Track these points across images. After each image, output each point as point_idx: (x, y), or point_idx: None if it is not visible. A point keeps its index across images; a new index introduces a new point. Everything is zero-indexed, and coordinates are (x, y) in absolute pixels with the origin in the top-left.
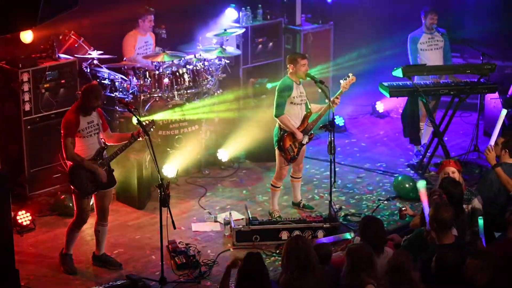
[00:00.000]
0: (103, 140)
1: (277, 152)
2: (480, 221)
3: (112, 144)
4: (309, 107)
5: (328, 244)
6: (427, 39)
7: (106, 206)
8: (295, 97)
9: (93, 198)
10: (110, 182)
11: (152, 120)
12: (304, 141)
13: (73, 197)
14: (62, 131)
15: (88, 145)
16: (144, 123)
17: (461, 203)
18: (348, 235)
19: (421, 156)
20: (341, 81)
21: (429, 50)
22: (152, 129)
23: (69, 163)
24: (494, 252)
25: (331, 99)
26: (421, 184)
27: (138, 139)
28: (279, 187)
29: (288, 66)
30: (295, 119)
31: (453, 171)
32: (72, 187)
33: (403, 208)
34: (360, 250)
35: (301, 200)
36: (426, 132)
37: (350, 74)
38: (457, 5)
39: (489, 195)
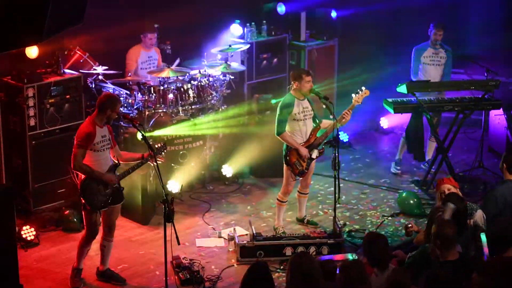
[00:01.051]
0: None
1: (285, 167)
2: (483, 237)
3: (121, 162)
4: (317, 121)
5: (334, 261)
6: (431, 54)
7: (113, 222)
8: (297, 114)
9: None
10: (118, 198)
11: (164, 144)
12: (314, 156)
13: (83, 213)
14: (76, 141)
15: (100, 160)
16: (156, 146)
17: (466, 219)
18: (350, 256)
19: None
20: (353, 95)
21: (431, 65)
22: (163, 153)
23: (80, 176)
24: (499, 269)
25: (342, 113)
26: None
27: (149, 162)
28: (285, 202)
29: (292, 82)
30: (299, 135)
31: (448, 188)
32: (83, 202)
33: (409, 225)
34: (352, 266)
35: (306, 216)
36: (429, 147)
37: (363, 88)
38: (462, 21)
39: (494, 212)
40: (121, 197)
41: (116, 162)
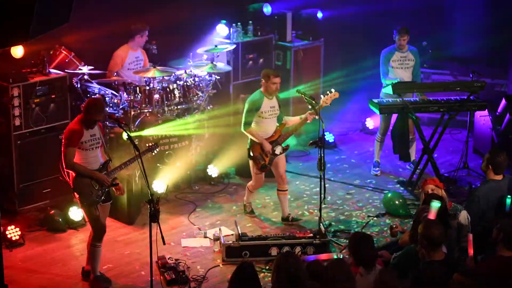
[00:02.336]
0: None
1: (250, 162)
2: (470, 237)
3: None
4: (282, 120)
5: (319, 261)
6: (399, 58)
7: (103, 221)
8: (263, 112)
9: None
10: (108, 197)
11: (156, 144)
12: (277, 152)
13: (83, 211)
14: (63, 141)
15: (90, 158)
16: (148, 145)
17: (446, 218)
18: (335, 255)
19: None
20: (321, 96)
21: (400, 68)
22: (155, 152)
23: (71, 174)
24: (482, 270)
25: (307, 113)
26: (436, 205)
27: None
28: (253, 192)
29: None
30: (265, 132)
31: (432, 189)
32: (79, 199)
33: (394, 226)
34: (337, 265)
35: (289, 214)
36: (412, 148)
37: (333, 90)
38: (447, 23)
39: (476, 212)
40: (111, 197)
41: (107, 159)
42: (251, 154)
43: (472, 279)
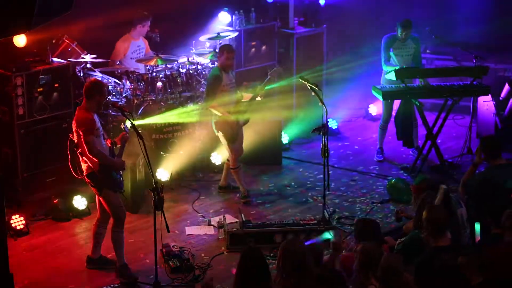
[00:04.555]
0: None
1: (220, 135)
2: (477, 226)
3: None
4: (239, 93)
5: (319, 244)
6: (400, 46)
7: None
8: (225, 85)
9: (101, 199)
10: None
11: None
12: (241, 123)
13: (102, 200)
14: (81, 131)
15: (101, 146)
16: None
17: (450, 205)
18: (327, 234)
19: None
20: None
21: (402, 56)
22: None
23: (87, 166)
24: (490, 253)
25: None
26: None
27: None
28: (238, 168)
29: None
30: (228, 104)
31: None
32: (104, 189)
33: (399, 211)
34: (373, 249)
35: (230, 183)
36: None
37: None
38: (450, 8)
39: (474, 197)
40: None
41: (109, 145)
42: (217, 127)
43: (474, 258)
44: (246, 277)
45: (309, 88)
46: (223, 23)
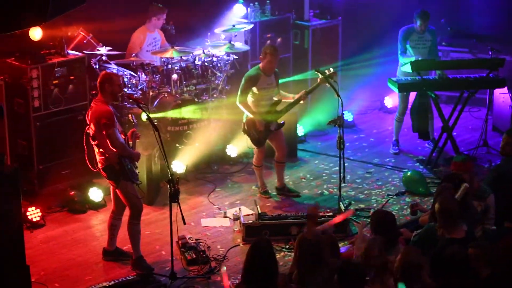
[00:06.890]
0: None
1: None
2: None
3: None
4: (279, 95)
5: (330, 231)
6: (417, 38)
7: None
8: (260, 88)
9: (117, 192)
10: None
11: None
12: (272, 128)
13: (119, 192)
14: (102, 124)
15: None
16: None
17: (466, 198)
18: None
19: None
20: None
21: (418, 48)
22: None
23: (103, 158)
24: (498, 246)
25: (300, 93)
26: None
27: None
28: (260, 166)
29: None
30: (259, 107)
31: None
32: (120, 179)
33: (414, 204)
34: (412, 251)
35: (285, 185)
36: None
37: (331, 69)
38: (466, 0)
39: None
40: None
41: (124, 137)
42: (245, 128)
43: (482, 250)
44: (252, 267)
45: (325, 79)
46: (238, 15)
